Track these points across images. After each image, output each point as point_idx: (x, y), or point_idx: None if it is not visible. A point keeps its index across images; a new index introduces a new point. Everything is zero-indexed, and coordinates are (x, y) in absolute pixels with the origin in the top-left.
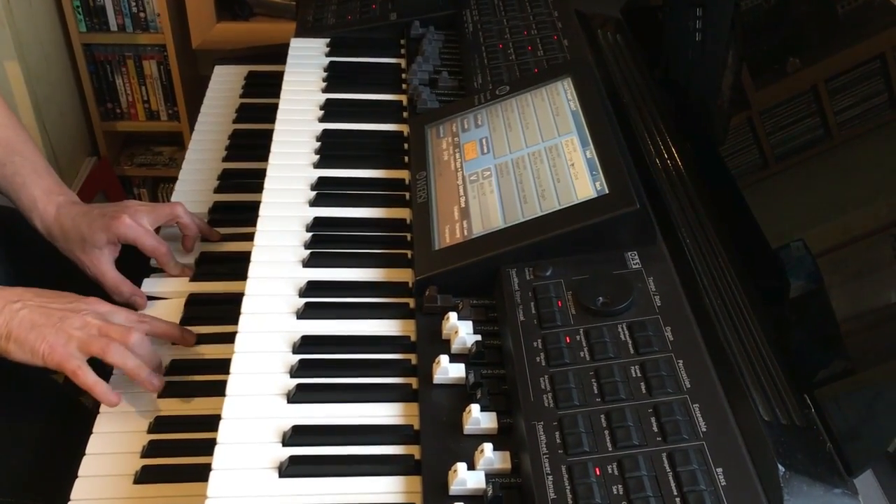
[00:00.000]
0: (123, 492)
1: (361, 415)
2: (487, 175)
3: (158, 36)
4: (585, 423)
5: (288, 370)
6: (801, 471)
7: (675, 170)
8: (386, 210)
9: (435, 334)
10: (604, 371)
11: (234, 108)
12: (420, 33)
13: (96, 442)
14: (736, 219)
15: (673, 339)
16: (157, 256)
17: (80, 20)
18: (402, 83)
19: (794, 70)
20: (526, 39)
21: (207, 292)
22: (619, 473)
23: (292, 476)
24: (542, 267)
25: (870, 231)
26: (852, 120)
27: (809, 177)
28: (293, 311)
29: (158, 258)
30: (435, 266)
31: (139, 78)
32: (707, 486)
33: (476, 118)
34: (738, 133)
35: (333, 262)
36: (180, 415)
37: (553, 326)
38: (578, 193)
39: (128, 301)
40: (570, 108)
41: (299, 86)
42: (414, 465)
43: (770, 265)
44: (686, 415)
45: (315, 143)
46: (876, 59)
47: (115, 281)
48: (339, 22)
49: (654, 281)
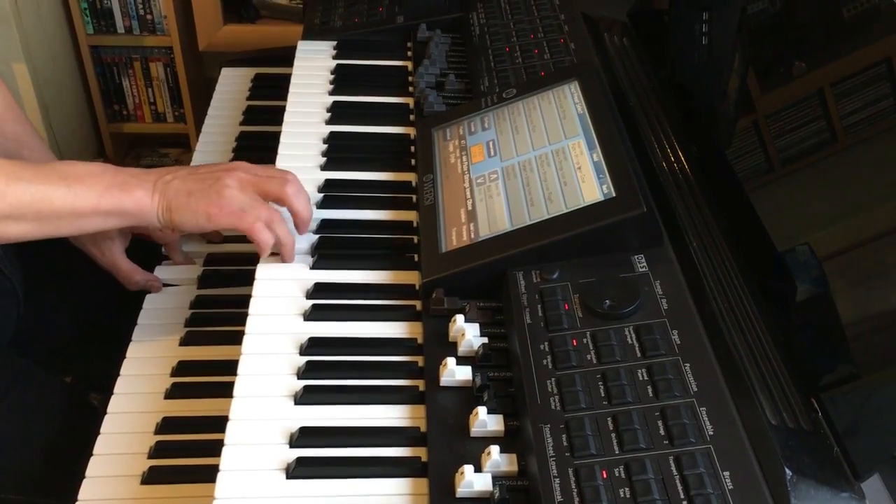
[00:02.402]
0: (131, 492)
1: (368, 417)
2: (494, 178)
3: (165, 38)
4: (592, 426)
5: (295, 372)
6: (809, 475)
7: (682, 173)
8: (393, 212)
9: (442, 337)
10: (610, 374)
11: (241, 111)
12: (427, 36)
13: (104, 442)
14: (742, 222)
15: (680, 343)
16: (167, 243)
17: (88, 22)
18: (408, 86)
19: (800, 74)
20: (532, 42)
21: (214, 294)
22: (626, 476)
23: (300, 477)
24: (549, 270)
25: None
26: (858, 123)
27: (815, 180)
28: (300, 313)
29: (168, 245)
30: (442, 268)
31: (146, 80)
32: (714, 489)
33: (483, 121)
34: (745, 136)
35: (340, 264)
36: (188, 416)
37: (560, 329)
38: (585, 196)
39: (143, 288)
40: (576, 112)
41: (306, 88)
42: (421, 467)
43: (776, 268)
44: (693, 418)
45: (322, 146)
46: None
47: (127, 270)
48: (346, 24)
49: (660, 284)
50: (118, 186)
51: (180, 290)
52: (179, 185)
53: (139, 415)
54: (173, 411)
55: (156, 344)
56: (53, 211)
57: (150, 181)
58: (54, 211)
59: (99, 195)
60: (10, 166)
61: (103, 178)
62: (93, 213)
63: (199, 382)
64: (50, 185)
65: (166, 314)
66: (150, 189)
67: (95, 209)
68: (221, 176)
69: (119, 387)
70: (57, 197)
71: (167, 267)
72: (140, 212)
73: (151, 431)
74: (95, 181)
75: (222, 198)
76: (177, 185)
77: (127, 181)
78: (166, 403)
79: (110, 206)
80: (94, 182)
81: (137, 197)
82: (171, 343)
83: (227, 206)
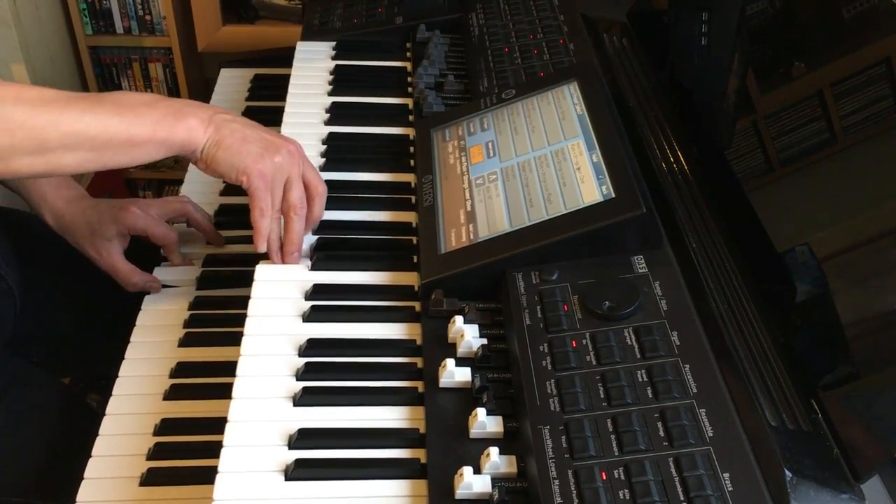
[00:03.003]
0: (129, 494)
1: (367, 418)
2: (493, 179)
3: (164, 39)
4: (592, 428)
5: (294, 373)
6: (808, 476)
7: (681, 174)
8: (392, 213)
9: (441, 338)
10: (610, 375)
11: (240, 111)
12: (426, 37)
13: (102, 444)
14: (742, 223)
15: (679, 344)
16: (166, 244)
17: (87, 23)
18: (407, 87)
19: (800, 74)
20: (532, 43)
21: (213, 295)
22: (626, 478)
23: (298, 479)
24: (549, 271)
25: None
26: (858, 124)
27: (815, 181)
28: (299, 314)
29: (167, 246)
30: (441, 269)
31: (145, 80)
32: (714, 491)
33: (482, 122)
34: (744, 137)
35: (339, 265)
36: (186, 417)
37: (559, 330)
38: (584, 197)
39: (142, 289)
40: (576, 112)
41: (305, 89)
42: (420, 468)
43: (776, 269)
44: (693, 419)
45: (321, 147)
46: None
47: (126, 271)
48: (345, 25)
49: (660, 285)
50: (173, 115)
51: (179, 291)
52: (237, 128)
53: (138, 416)
54: (172, 413)
55: (155, 345)
56: (109, 140)
57: (207, 113)
58: (110, 140)
59: (155, 122)
60: (65, 95)
61: (158, 107)
62: (148, 142)
63: (197, 384)
64: (105, 114)
65: (165, 315)
66: (205, 120)
67: (150, 137)
68: (279, 144)
69: (118, 388)
70: (112, 125)
71: (166, 268)
72: (190, 140)
73: (150, 433)
74: (150, 109)
75: (269, 162)
76: (235, 126)
77: (181, 109)
78: (165, 405)
79: (165, 133)
80: (149, 111)
81: (191, 125)
82: (170, 344)
83: (268, 172)
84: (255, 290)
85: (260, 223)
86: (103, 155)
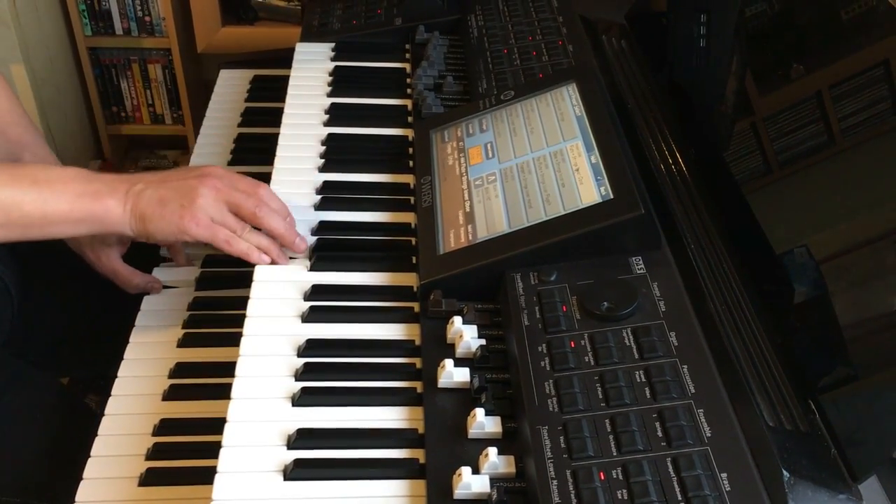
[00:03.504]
0: (128, 494)
1: (366, 418)
2: (492, 180)
3: (164, 40)
4: (590, 428)
5: (293, 373)
6: (806, 476)
7: (680, 175)
8: (391, 214)
9: (440, 338)
10: (608, 376)
11: (240, 112)
12: (425, 38)
13: (101, 444)
14: (740, 224)
15: (677, 345)
16: (170, 246)
17: (86, 24)
18: (407, 88)
19: (798, 76)
20: (531, 45)
21: (212, 296)
22: (624, 478)
23: (297, 479)
24: (547, 272)
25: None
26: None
27: (813, 183)
28: (298, 315)
29: (171, 247)
30: (440, 270)
31: (144, 81)
32: (711, 491)
33: (481, 123)
34: (742, 139)
35: (338, 265)
36: (185, 417)
37: (558, 331)
38: (583, 198)
39: (143, 290)
40: (574, 114)
41: (304, 90)
42: (418, 468)
43: (774, 271)
44: (691, 420)
45: (320, 148)
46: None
47: (126, 275)
48: (344, 26)
49: (658, 286)
50: (90, 195)
51: (178, 291)
52: (152, 194)
53: (137, 416)
54: (171, 413)
55: (154, 345)
56: (23, 216)
57: (122, 190)
58: (23, 216)
59: (70, 202)
60: None
61: (75, 185)
62: (63, 221)
63: (196, 384)
64: (21, 190)
65: (164, 316)
66: (121, 198)
67: (66, 216)
68: (195, 185)
69: (117, 388)
70: (27, 202)
71: (165, 268)
72: (111, 221)
73: (149, 433)
74: (67, 188)
75: (196, 208)
76: (149, 193)
77: (99, 190)
78: (164, 405)
79: (81, 214)
80: (66, 189)
81: (109, 206)
82: (169, 345)
83: (202, 218)
84: (254, 290)
85: (237, 249)
86: (15, 230)
